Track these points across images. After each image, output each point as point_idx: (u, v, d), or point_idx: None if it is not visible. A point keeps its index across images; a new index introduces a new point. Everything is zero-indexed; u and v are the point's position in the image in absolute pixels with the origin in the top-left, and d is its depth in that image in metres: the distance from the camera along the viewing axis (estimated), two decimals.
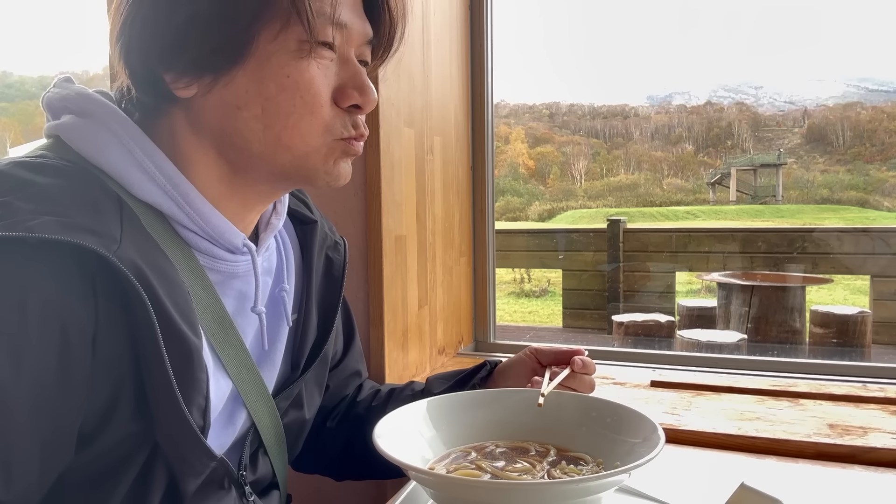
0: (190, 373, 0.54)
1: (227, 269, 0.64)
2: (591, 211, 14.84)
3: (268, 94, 0.58)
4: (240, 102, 0.58)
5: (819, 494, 0.83)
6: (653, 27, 46.15)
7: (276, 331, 0.73)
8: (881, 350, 4.42)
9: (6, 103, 33.66)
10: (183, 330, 0.53)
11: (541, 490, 0.65)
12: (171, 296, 0.53)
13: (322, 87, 0.60)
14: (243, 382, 0.65)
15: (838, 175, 15.29)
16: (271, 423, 0.71)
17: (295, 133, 0.60)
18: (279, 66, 0.58)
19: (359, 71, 0.64)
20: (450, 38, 1.46)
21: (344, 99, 0.62)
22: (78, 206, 0.51)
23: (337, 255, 0.85)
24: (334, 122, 0.62)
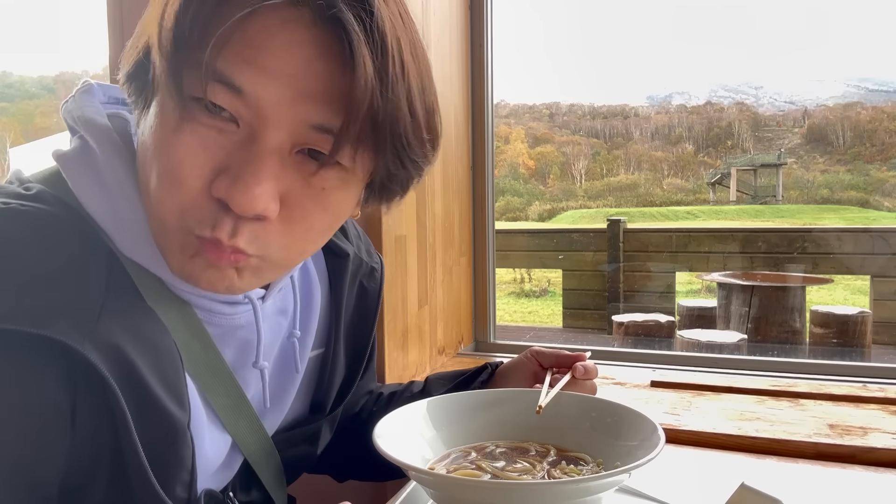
0: (172, 452, 0.52)
1: (227, 322, 0.60)
2: (592, 211, 14.83)
3: (150, 140, 0.49)
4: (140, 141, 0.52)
5: (819, 494, 0.83)
6: (653, 27, 46.15)
7: (283, 381, 0.69)
8: (881, 350, 4.42)
9: (6, 103, 33.67)
10: (166, 408, 0.50)
11: (541, 490, 0.65)
12: (156, 368, 0.50)
13: (190, 161, 0.47)
14: (241, 432, 0.63)
15: (838, 175, 15.30)
16: (269, 465, 0.68)
17: (156, 202, 0.50)
18: (157, 121, 0.49)
19: (253, 158, 0.47)
20: (450, 38, 1.46)
21: (215, 184, 0.47)
22: (55, 276, 0.47)
23: (372, 284, 0.79)
24: (194, 210, 0.48)
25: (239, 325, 0.61)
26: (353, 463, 0.91)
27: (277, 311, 0.67)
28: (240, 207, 0.47)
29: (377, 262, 0.81)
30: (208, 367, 0.58)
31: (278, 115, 0.47)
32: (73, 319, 0.45)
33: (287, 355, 0.69)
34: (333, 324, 0.74)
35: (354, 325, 0.77)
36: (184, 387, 0.53)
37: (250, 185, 0.46)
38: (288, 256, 0.53)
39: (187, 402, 0.54)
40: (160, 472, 0.50)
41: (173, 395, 0.52)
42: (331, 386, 0.75)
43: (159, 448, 0.51)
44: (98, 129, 0.56)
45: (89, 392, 0.47)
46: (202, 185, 0.48)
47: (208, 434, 0.59)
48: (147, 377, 0.49)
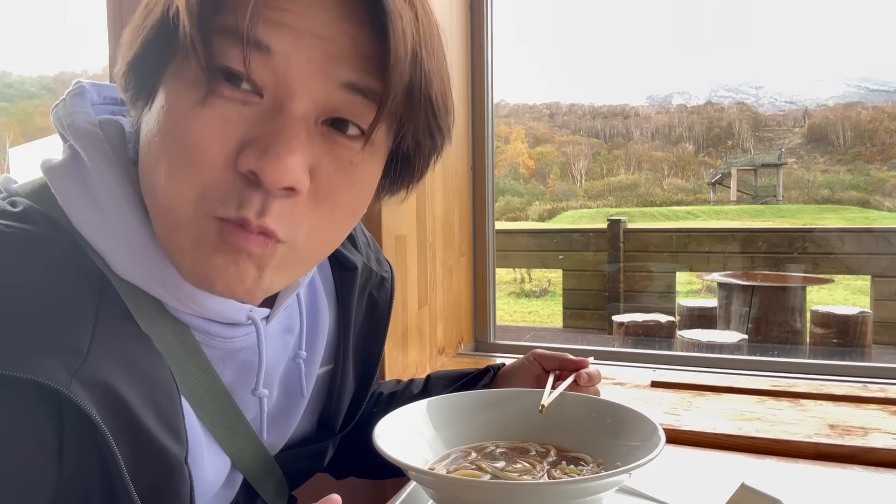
0: (168, 489, 0.50)
1: (227, 345, 0.57)
2: (592, 211, 14.83)
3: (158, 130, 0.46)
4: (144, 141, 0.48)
5: (819, 495, 0.83)
6: (653, 27, 46.11)
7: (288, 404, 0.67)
8: (882, 350, 4.42)
9: (6, 103, 33.67)
10: (161, 444, 0.48)
11: (541, 490, 0.65)
12: (151, 402, 0.48)
13: (211, 137, 0.44)
14: (239, 452, 0.61)
15: (839, 175, 15.29)
16: (272, 482, 0.67)
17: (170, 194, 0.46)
18: (170, 102, 0.46)
19: (282, 127, 0.44)
20: (450, 38, 1.46)
21: (241, 158, 0.44)
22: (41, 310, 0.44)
23: (382, 295, 0.76)
24: (217, 189, 0.45)
25: (240, 348, 0.58)
26: (353, 462, 0.90)
27: (283, 331, 0.64)
28: (272, 178, 0.43)
29: (387, 270, 0.78)
30: (205, 390, 0.56)
31: (306, 79, 0.45)
32: (60, 358, 0.43)
33: (292, 376, 0.66)
34: (342, 339, 0.72)
35: (364, 338, 0.75)
36: (180, 420, 0.51)
37: (282, 154, 0.44)
38: (313, 244, 0.50)
39: (184, 436, 0.51)
40: None
41: (169, 430, 0.49)
42: (340, 403, 0.73)
43: (154, 485, 0.48)
44: (89, 138, 0.52)
45: (78, 430, 0.44)
46: (225, 162, 0.44)
47: (208, 461, 0.57)
48: (140, 413, 0.47)
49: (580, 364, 0.86)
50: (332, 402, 0.72)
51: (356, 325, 0.73)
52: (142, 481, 0.47)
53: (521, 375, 0.89)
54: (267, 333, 0.59)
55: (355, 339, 0.74)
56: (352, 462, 0.90)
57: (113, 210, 0.50)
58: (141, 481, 0.47)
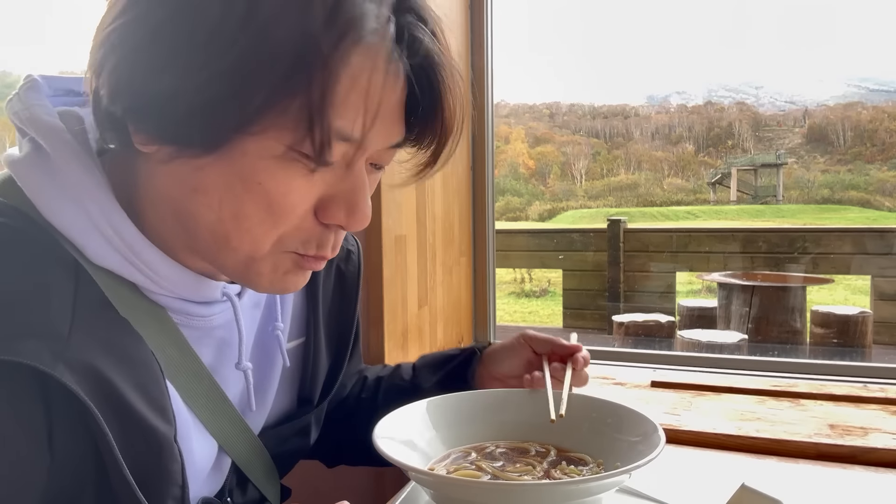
0: (159, 467, 0.51)
1: (204, 323, 0.58)
2: (592, 211, 14.82)
3: (231, 188, 0.49)
4: (198, 185, 0.49)
5: (820, 495, 0.83)
6: (653, 27, 46.09)
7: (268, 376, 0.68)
8: (882, 350, 4.42)
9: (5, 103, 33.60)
10: (149, 423, 0.49)
11: (541, 491, 0.65)
12: (136, 383, 0.49)
13: (300, 200, 0.50)
14: (226, 436, 0.62)
15: (839, 175, 15.27)
16: (260, 464, 0.68)
17: (246, 238, 0.50)
18: (252, 167, 0.48)
19: (359, 185, 0.52)
20: (450, 37, 1.46)
21: (327, 214, 0.52)
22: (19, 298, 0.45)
23: (350, 267, 0.78)
24: (297, 236, 0.52)
25: (217, 325, 0.60)
26: (344, 449, 0.89)
27: (252, 305, 0.66)
28: (356, 227, 0.53)
29: (353, 244, 0.80)
30: (186, 372, 0.57)
31: (374, 147, 0.52)
32: (43, 341, 0.44)
33: (269, 349, 0.68)
34: (311, 312, 0.73)
35: (335, 312, 0.76)
36: (166, 399, 0.52)
37: (361, 208, 0.52)
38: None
39: (171, 415, 0.52)
40: (148, 490, 0.49)
41: (156, 409, 0.50)
42: (315, 375, 0.73)
43: (145, 465, 0.49)
44: (50, 130, 0.52)
45: (67, 414, 0.45)
46: (305, 215, 0.51)
47: (196, 442, 0.58)
48: (127, 393, 0.48)
49: (573, 349, 0.84)
50: (308, 376, 0.73)
51: (325, 298, 0.74)
52: (133, 462, 0.48)
53: (511, 358, 0.86)
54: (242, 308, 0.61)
55: (326, 313, 0.74)
56: (342, 449, 0.90)
57: (83, 198, 0.51)
58: (132, 462, 0.48)
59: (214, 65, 0.44)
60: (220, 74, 0.44)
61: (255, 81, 0.44)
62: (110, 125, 0.50)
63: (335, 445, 0.88)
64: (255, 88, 0.45)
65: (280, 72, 0.44)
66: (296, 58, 0.44)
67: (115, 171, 0.54)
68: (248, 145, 0.47)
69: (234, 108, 0.45)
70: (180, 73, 0.45)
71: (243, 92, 0.45)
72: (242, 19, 0.44)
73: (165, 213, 0.53)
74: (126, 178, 0.54)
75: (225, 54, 0.44)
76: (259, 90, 0.45)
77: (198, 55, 0.44)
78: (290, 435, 0.71)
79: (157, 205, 0.53)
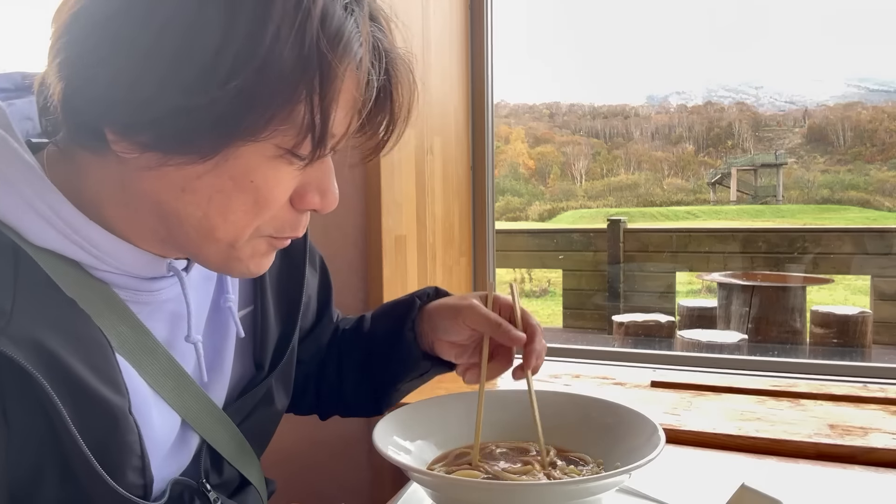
0: (116, 439, 0.52)
1: (153, 298, 0.59)
2: (592, 211, 14.80)
3: (222, 188, 0.50)
4: (187, 187, 0.50)
5: (819, 495, 0.83)
6: (653, 27, 46.06)
7: (222, 348, 0.68)
8: (882, 350, 4.41)
9: None
10: (101, 395, 0.50)
11: (541, 491, 0.65)
12: (84, 357, 0.50)
13: (284, 191, 0.53)
14: (189, 410, 0.62)
15: (839, 175, 15.26)
16: (229, 437, 0.68)
17: (231, 229, 0.53)
18: (245, 168, 0.50)
19: (328, 170, 0.56)
20: (450, 38, 1.46)
21: (303, 201, 0.55)
22: None
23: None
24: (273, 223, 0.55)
25: (166, 300, 0.60)
26: (323, 399, 0.89)
27: (203, 279, 0.66)
28: (330, 208, 0.57)
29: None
30: (141, 349, 0.57)
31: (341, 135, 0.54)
32: None
33: (223, 321, 0.68)
34: (258, 280, 0.73)
35: (283, 279, 0.76)
36: (117, 372, 0.53)
37: (333, 191, 0.57)
38: None
39: (124, 387, 0.54)
40: (106, 461, 0.51)
41: (107, 382, 0.52)
42: (265, 343, 0.73)
43: (102, 437, 0.51)
44: None
45: (18, 390, 0.46)
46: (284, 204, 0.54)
47: (157, 416, 0.58)
48: (76, 368, 0.49)
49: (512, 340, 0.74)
50: (257, 344, 0.73)
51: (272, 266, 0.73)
52: (89, 434, 0.49)
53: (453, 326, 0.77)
54: (190, 282, 0.61)
55: (274, 281, 0.75)
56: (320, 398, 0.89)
57: (15, 181, 0.51)
58: (88, 434, 0.49)
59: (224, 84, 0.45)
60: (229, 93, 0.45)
61: (265, 98, 0.47)
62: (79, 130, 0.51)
63: (315, 395, 0.89)
64: (264, 105, 0.47)
65: (288, 88, 0.47)
66: (302, 72, 0.47)
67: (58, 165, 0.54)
68: (244, 149, 0.49)
69: (243, 122, 0.47)
70: (184, 92, 0.45)
71: (253, 108, 0.47)
72: (248, 37, 0.45)
73: (144, 213, 0.53)
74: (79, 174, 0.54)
75: (234, 74, 0.45)
76: (269, 106, 0.47)
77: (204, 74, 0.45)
78: (253, 404, 0.71)
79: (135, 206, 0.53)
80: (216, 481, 0.68)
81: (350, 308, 1.23)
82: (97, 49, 0.47)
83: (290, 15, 0.46)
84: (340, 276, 1.25)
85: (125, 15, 0.46)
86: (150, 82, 0.46)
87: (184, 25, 0.45)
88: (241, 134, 0.48)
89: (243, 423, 0.70)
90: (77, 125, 0.50)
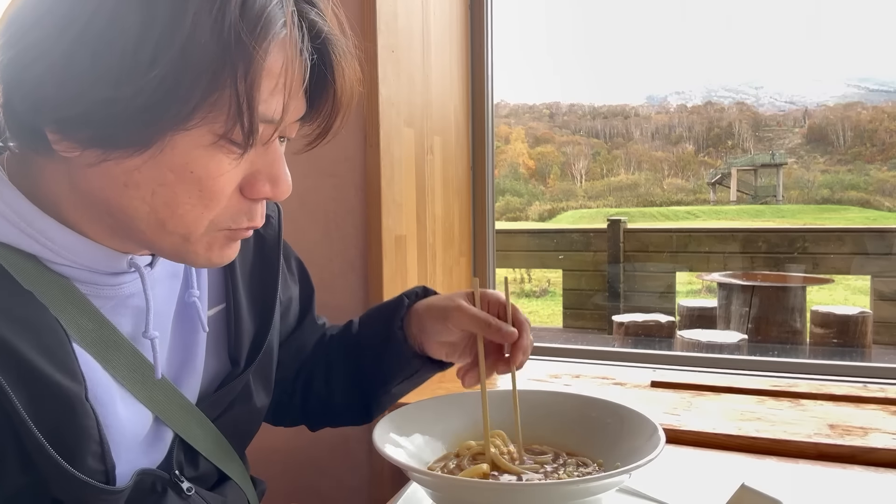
0: (71, 424, 0.52)
1: (116, 292, 0.59)
2: (592, 211, 14.80)
3: (163, 180, 0.51)
4: (129, 181, 0.51)
5: (819, 495, 0.83)
6: (653, 27, 46.03)
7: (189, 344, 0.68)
8: (882, 350, 4.41)
9: None
10: (55, 381, 0.51)
11: (541, 490, 0.65)
12: (38, 345, 0.50)
13: (228, 181, 0.53)
14: (157, 403, 0.62)
15: (839, 175, 15.26)
16: (202, 432, 0.67)
17: (181, 222, 0.53)
18: (183, 159, 0.50)
19: (277, 158, 0.56)
20: (450, 38, 1.46)
21: (253, 191, 0.55)
22: None
23: (269, 231, 0.77)
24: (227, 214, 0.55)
25: (130, 294, 0.60)
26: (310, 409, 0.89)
27: (169, 275, 0.66)
28: (283, 196, 0.57)
29: (273, 209, 0.80)
30: (104, 343, 0.57)
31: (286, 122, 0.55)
32: None
33: (189, 317, 0.68)
34: (229, 277, 0.73)
35: (256, 276, 0.75)
36: (73, 359, 0.53)
37: (283, 178, 0.56)
38: None
39: (80, 374, 0.54)
40: (63, 446, 0.51)
41: (62, 370, 0.52)
42: (239, 341, 0.72)
43: (58, 423, 0.51)
44: None
45: None
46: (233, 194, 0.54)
47: (123, 408, 0.58)
48: (30, 357, 0.49)
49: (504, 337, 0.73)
50: (232, 341, 0.72)
51: (244, 264, 0.75)
52: (44, 421, 0.50)
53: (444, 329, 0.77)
54: (154, 278, 0.62)
55: (247, 278, 0.74)
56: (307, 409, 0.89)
57: None
58: (43, 421, 0.50)
59: (145, 75, 0.46)
60: (151, 83, 0.46)
61: (186, 86, 0.47)
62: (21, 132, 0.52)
63: (302, 406, 0.88)
64: (187, 92, 0.47)
65: (209, 73, 0.47)
66: (222, 58, 0.47)
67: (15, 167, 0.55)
68: (179, 139, 0.50)
69: (169, 110, 0.47)
70: (111, 83, 0.46)
71: (176, 97, 0.47)
72: (167, 26, 0.46)
73: (97, 211, 0.54)
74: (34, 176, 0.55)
75: (155, 64, 0.46)
76: (192, 92, 0.47)
77: (127, 66, 0.46)
78: (229, 400, 0.71)
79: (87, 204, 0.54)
80: (192, 474, 0.67)
81: (350, 308, 1.23)
82: (29, 50, 0.48)
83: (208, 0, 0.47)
84: (340, 276, 1.25)
85: (53, 14, 0.47)
86: (77, 77, 0.47)
87: (106, 17, 0.46)
88: (169, 123, 0.48)
89: (220, 418, 0.70)
90: (20, 128, 0.51)
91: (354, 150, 1.22)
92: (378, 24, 1.17)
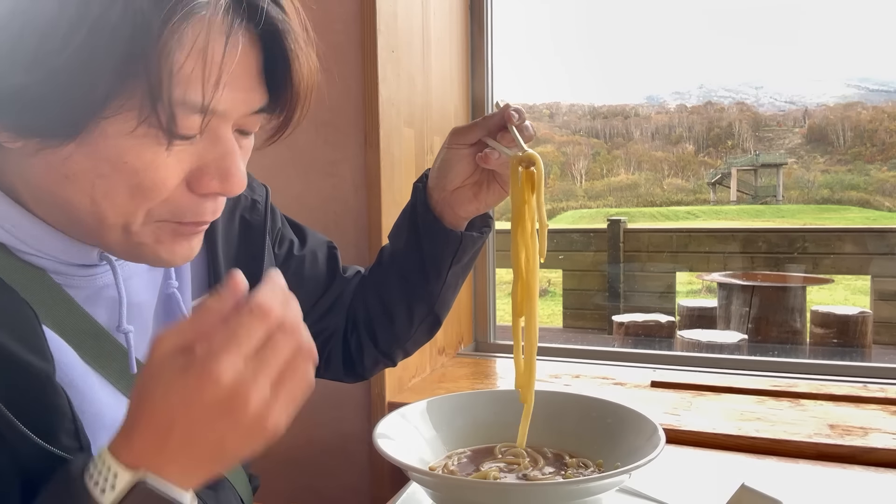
0: (41, 401, 0.52)
1: (90, 283, 0.59)
2: (592, 211, 14.81)
3: (100, 172, 0.50)
4: (69, 173, 0.50)
5: (819, 495, 0.83)
6: (653, 27, 45.95)
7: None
8: (882, 350, 4.41)
9: None
10: (22, 359, 0.51)
11: (541, 490, 0.65)
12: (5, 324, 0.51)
13: (168, 174, 0.51)
14: None
15: (839, 175, 15.26)
16: None
17: (119, 212, 0.52)
18: (116, 149, 0.49)
19: (228, 151, 0.54)
20: (450, 38, 1.46)
21: (200, 185, 0.53)
22: None
23: (255, 216, 0.76)
24: (166, 207, 0.53)
25: (104, 285, 0.60)
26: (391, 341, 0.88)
27: (147, 268, 0.65)
28: (234, 192, 0.55)
29: (260, 194, 0.79)
30: (81, 332, 0.57)
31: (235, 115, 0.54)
32: None
33: (171, 309, 0.67)
34: (211, 266, 0.72)
35: (241, 263, 0.74)
36: (42, 339, 0.53)
37: (234, 173, 0.54)
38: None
39: (49, 354, 0.53)
40: (34, 423, 0.50)
41: (30, 349, 0.52)
42: None
43: (27, 400, 0.50)
44: None
45: None
46: (176, 187, 0.53)
47: (105, 395, 0.58)
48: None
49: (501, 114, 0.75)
50: None
51: (229, 249, 0.74)
52: (12, 398, 0.49)
53: (453, 167, 0.79)
54: (131, 270, 0.61)
55: (232, 265, 0.73)
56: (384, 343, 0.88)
57: None
58: (9, 398, 0.49)
59: (56, 57, 0.45)
60: (63, 66, 0.46)
61: (97, 69, 0.46)
62: None
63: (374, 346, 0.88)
64: (98, 75, 0.46)
65: (118, 56, 0.46)
66: (131, 39, 0.46)
67: None
68: (107, 127, 0.49)
69: (83, 96, 0.47)
70: (25, 68, 0.46)
71: (89, 80, 0.46)
72: (77, 10, 0.45)
73: (48, 204, 0.54)
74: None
75: (65, 46, 0.45)
76: (102, 76, 0.46)
77: (38, 50, 0.46)
78: None
79: (39, 198, 0.54)
80: None
81: None
82: None
83: None
84: None
85: None
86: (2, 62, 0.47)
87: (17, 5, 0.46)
88: (87, 108, 0.47)
89: None
90: None
91: (354, 150, 1.22)
92: (378, 24, 1.17)
